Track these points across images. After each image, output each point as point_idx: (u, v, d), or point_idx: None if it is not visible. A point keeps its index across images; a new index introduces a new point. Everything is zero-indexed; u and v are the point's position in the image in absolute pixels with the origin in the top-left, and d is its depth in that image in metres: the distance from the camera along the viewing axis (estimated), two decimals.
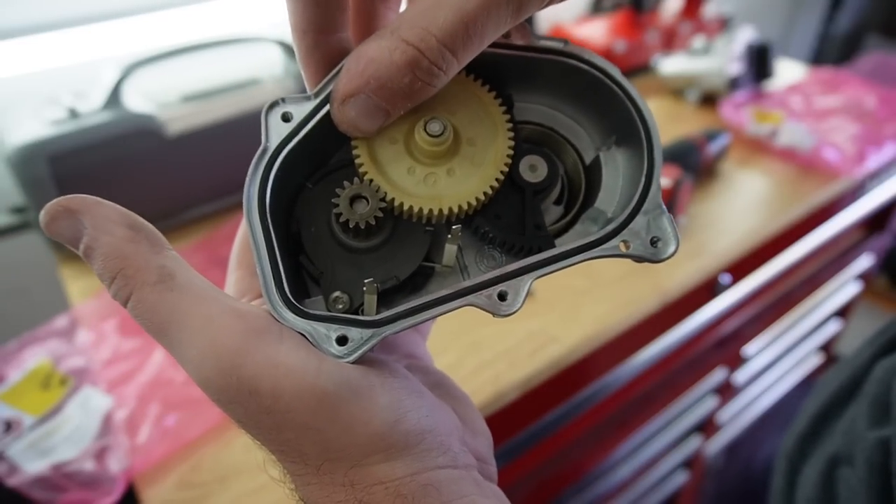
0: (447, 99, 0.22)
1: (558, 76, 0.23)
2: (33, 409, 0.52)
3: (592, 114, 0.24)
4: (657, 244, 0.21)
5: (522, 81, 0.24)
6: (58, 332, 0.60)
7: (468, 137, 0.22)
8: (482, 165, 0.22)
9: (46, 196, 0.62)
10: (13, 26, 0.74)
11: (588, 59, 0.22)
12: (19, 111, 0.67)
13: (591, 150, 0.24)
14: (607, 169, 0.24)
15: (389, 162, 0.22)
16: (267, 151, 0.22)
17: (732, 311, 0.84)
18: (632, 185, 0.22)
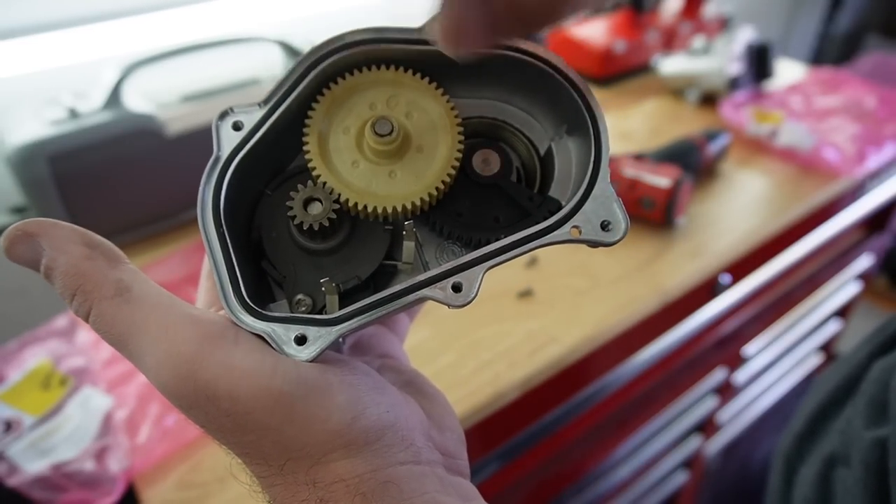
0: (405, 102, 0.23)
1: (505, 70, 0.23)
2: (33, 409, 0.52)
3: (544, 105, 0.25)
4: (608, 227, 0.21)
5: (471, 77, 0.24)
6: (58, 332, 0.60)
7: (418, 144, 0.23)
8: (432, 163, 0.23)
9: (46, 196, 0.62)
10: (13, 26, 0.74)
11: (531, 52, 0.22)
12: (19, 111, 0.67)
13: (546, 141, 0.24)
14: (559, 158, 0.24)
15: (337, 152, 0.22)
16: (219, 161, 0.22)
17: (732, 311, 0.84)
18: (583, 172, 0.22)
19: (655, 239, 0.72)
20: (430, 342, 0.58)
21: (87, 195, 0.65)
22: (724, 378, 0.92)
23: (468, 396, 0.53)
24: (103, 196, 0.66)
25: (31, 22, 0.74)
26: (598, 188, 0.21)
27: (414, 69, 0.23)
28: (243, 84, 0.73)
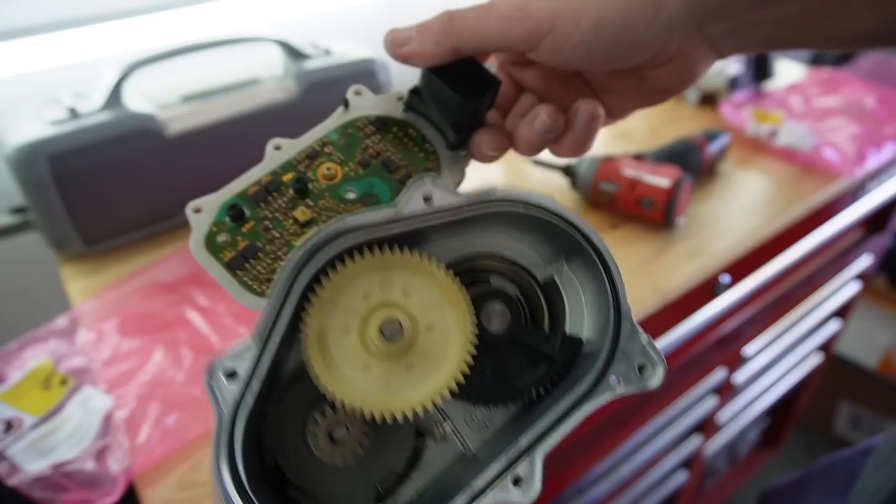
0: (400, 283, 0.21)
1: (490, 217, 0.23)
2: (34, 408, 0.52)
3: (533, 234, 0.23)
4: (644, 371, 0.21)
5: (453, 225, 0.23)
6: (58, 332, 0.60)
7: (427, 323, 0.21)
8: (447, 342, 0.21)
9: (46, 196, 0.62)
10: (13, 26, 0.74)
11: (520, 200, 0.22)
12: (19, 111, 0.67)
13: (543, 268, 0.23)
14: (566, 289, 0.23)
15: (344, 358, 0.20)
16: (223, 423, 0.19)
17: (732, 311, 0.84)
18: (597, 301, 0.21)
19: (655, 239, 0.72)
20: None
21: (87, 195, 0.65)
22: (724, 378, 0.92)
23: None
24: (103, 196, 0.66)
25: (31, 22, 0.74)
26: (624, 334, 0.21)
27: (398, 243, 0.22)
28: (243, 84, 0.73)
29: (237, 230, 0.27)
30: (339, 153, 0.30)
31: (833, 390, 1.53)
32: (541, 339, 0.22)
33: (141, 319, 0.61)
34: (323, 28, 0.95)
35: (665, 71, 0.28)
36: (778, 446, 1.42)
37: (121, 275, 0.67)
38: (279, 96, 0.73)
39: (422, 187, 0.21)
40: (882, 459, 0.39)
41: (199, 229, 0.27)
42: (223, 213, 0.28)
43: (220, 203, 0.28)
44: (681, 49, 0.26)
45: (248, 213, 0.28)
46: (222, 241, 0.27)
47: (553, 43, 0.26)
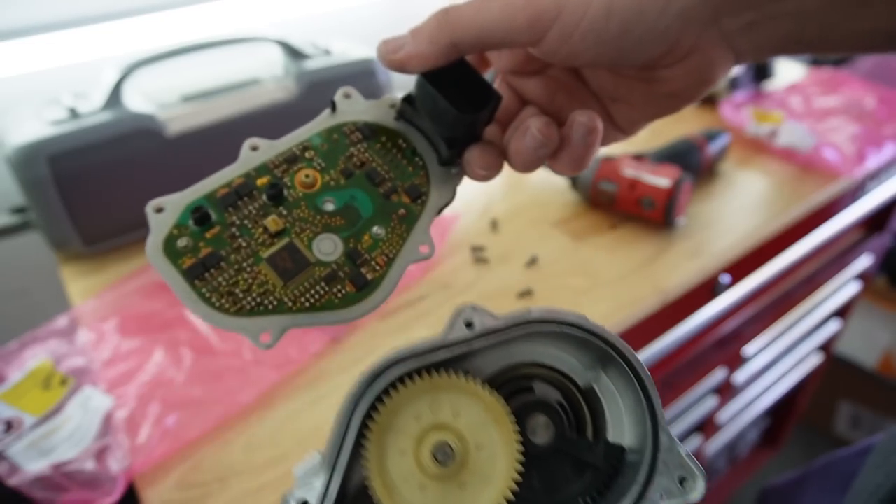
0: (448, 403, 0.22)
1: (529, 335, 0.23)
2: (34, 408, 0.52)
3: (571, 345, 0.24)
4: (685, 483, 0.21)
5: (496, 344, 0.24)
6: (58, 332, 0.60)
7: (477, 443, 0.22)
8: (496, 459, 0.22)
9: (46, 196, 0.62)
10: (13, 26, 0.74)
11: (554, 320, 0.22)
12: (19, 111, 0.67)
13: (582, 374, 0.24)
14: (605, 396, 0.24)
15: (402, 480, 0.22)
16: None
17: (732, 311, 0.84)
18: (635, 410, 0.22)
19: (655, 239, 0.72)
20: None
21: (88, 195, 0.65)
22: (724, 378, 0.92)
23: None
24: (103, 196, 0.66)
25: (31, 22, 0.74)
26: (664, 446, 0.21)
27: (447, 367, 0.23)
28: (243, 84, 0.73)
29: (200, 235, 0.25)
30: (320, 159, 0.28)
31: (833, 390, 1.53)
32: (585, 448, 0.23)
33: (141, 319, 0.61)
34: (323, 28, 0.95)
35: (679, 71, 0.26)
36: (778, 446, 1.42)
37: (121, 275, 0.68)
38: (279, 96, 0.73)
39: (463, 315, 0.22)
40: (881, 459, 0.39)
41: (158, 231, 0.25)
42: (186, 216, 0.25)
43: (184, 204, 0.26)
44: (696, 45, 0.25)
45: (215, 217, 0.26)
46: (182, 245, 0.25)
47: (560, 31, 0.24)
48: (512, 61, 0.30)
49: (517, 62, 0.30)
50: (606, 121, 0.29)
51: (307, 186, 0.27)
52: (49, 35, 0.75)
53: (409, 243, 0.27)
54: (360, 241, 0.26)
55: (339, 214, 0.27)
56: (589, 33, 0.24)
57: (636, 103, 0.28)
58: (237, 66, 0.77)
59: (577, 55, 0.25)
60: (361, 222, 0.27)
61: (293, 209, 0.26)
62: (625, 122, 0.30)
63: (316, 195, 0.27)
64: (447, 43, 0.25)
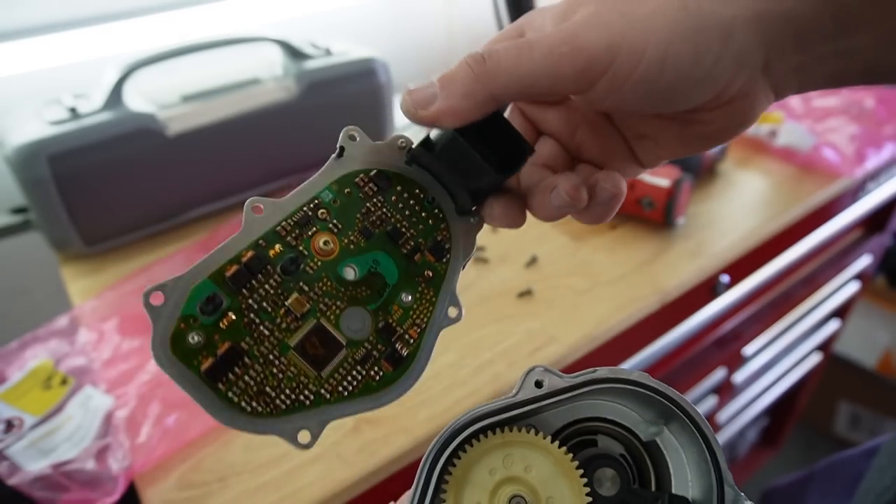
0: (520, 458, 0.23)
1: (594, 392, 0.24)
2: (34, 408, 0.52)
3: (634, 401, 0.24)
4: None
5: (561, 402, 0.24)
6: (59, 331, 0.60)
7: (548, 496, 0.23)
8: None
9: (47, 196, 0.62)
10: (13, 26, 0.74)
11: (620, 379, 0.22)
12: (19, 111, 0.67)
13: (645, 428, 0.24)
14: (668, 452, 0.24)
15: None
16: None
17: (732, 311, 0.84)
18: (699, 465, 0.22)
19: (655, 239, 0.72)
20: None
21: (88, 195, 0.65)
22: (723, 378, 0.92)
23: (468, 396, 0.54)
24: (104, 196, 0.66)
25: (32, 22, 0.75)
26: (728, 500, 0.21)
27: (518, 425, 0.23)
28: (243, 84, 0.73)
29: (214, 327, 0.22)
30: (335, 219, 0.25)
31: (832, 390, 1.53)
32: (650, 500, 0.23)
33: (141, 319, 0.61)
34: (323, 28, 0.95)
35: (720, 114, 0.24)
36: (777, 446, 1.42)
37: (121, 275, 0.68)
38: (279, 96, 0.73)
39: (534, 376, 0.23)
40: (888, 461, 0.39)
41: (162, 326, 0.22)
42: (193, 304, 0.22)
43: (188, 290, 0.22)
44: (743, 88, 0.23)
45: (227, 302, 0.22)
46: (195, 342, 0.22)
47: (611, 82, 0.22)
48: None
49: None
50: (627, 157, 0.28)
51: (326, 254, 0.24)
52: (49, 35, 0.75)
53: (438, 308, 0.25)
54: (389, 314, 0.24)
55: (364, 284, 0.24)
56: (641, 83, 0.22)
57: (665, 143, 0.27)
58: (237, 66, 0.77)
59: (623, 104, 0.24)
60: (388, 291, 0.25)
61: (314, 283, 0.23)
62: (648, 158, 0.28)
63: (336, 263, 0.24)
64: (485, 97, 0.23)
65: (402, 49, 1.04)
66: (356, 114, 0.80)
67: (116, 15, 0.80)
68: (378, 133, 0.84)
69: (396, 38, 1.03)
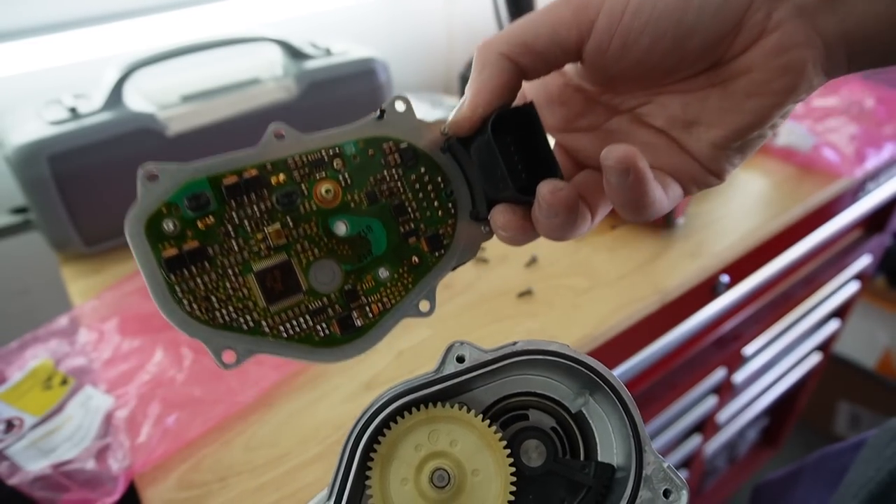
0: (445, 433, 0.23)
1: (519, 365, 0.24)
2: (34, 408, 0.52)
3: (560, 373, 0.25)
4: (669, 495, 0.22)
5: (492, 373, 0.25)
6: (59, 331, 0.60)
7: (473, 468, 0.23)
8: (491, 483, 0.23)
9: (47, 196, 0.62)
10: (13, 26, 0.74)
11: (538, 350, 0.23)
12: (20, 111, 0.67)
13: (573, 400, 0.25)
14: (594, 419, 0.25)
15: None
16: None
17: (732, 311, 0.84)
18: (622, 430, 0.23)
19: (655, 239, 0.72)
20: (430, 342, 0.58)
21: (88, 195, 0.65)
22: (723, 378, 0.92)
23: None
24: (104, 196, 0.66)
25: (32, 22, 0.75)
26: (647, 462, 0.22)
27: (441, 400, 0.24)
28: (243, 84, 0.73)
29: (191, 223, 0.22)
30: (347, 173, 0.24)
31: (832, 390, 1.53)
32: (576, 469, 0.24)
33: (141, 319, 0.61)
34: (323, 28, 0.95)
35: (756, 56, 0.22)
36: (777, 446, 1.42)
37: (121, 275, 0.68)
38: (279, 96, 0.73)
39: (454, 350, 0.23)
40: (873, 453, 0.39)
41: (145, 204, 0.22)
42: (181, 195, 0.22)
43: (182, 179, 0.22)
44: (769, 20, 0.21)
45: (213, 205, 0.22)
46: (169, 229, 0.22)
47: (609, 15, 0.22)
48: (564, 113, 0.27)
49: (570, 113, 0.27)
50: (684, 163, 0.25)
51: (324, 202, 0.24)
52: (49, 35, 0.75)
53: (411, 296, 0.25)
54: (361, 280, 0.24)
55: (349, 243, 0.24)
56: (641, 7, 0.21)
57: (713, 119, 0.24)
58: (237, 66, 0.77)
59: (630, 44, 0.22)
60: (369, 259, 0.24)
61: (301, 223, 0.24)
62: (708, 155, 0.25)
63: (331, 213, 0.24)
64: (496, 58, 0.23)
65: (402, 49, 1.04)
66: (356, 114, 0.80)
67: (116, 15, 0.80)
68: None
69: (396, 38, 1.03)
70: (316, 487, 0.46)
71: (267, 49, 0.77)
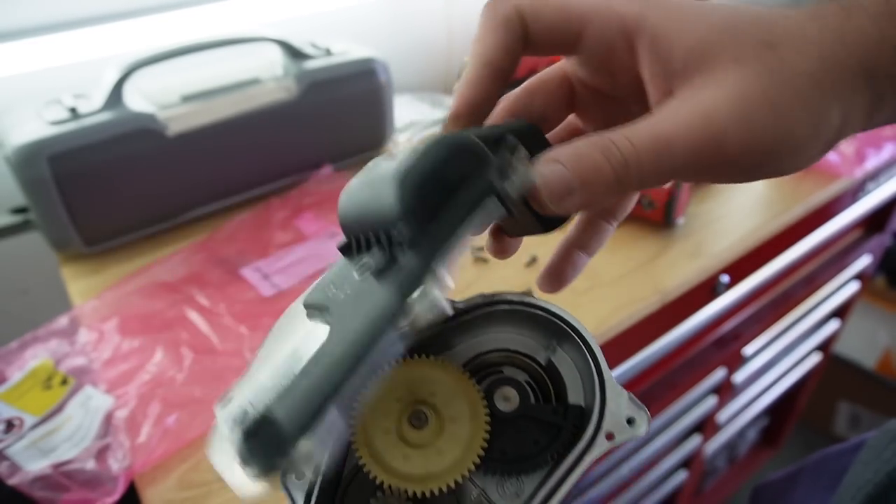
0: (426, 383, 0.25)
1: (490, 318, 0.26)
2: (34, 408, 0.52)
3: (528, 327, 0.27)
4: (633, 423, 0.24)
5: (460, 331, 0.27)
6: (59, 331, 0.60)
7: (450, 415, 0.25)
8: (467, 426, 0.25)
9: (47, 196, 0.62)
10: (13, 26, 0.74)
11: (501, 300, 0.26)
12: (20, 111, 0.67)
13: (541, 352, 0.27)
14: (562, 367, 0.27)
15: (387, 452, 0.24)
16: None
17: (732, 311, 0.84)
18: (587, 372, 0.25)
19: (655, 239, 0.72)
20: None
21: (88, 195, 0.65)
22: (723, 378, 0.92)
23: None
24: (104, 196, 0.66)
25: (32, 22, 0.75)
26: (610, 396, 0.24)
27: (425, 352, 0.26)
28: (243, 84, 0.73)
29: None
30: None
31: (832, 390, 1.53)
32: (549, 412, 0.26)
33: (141, 319, 0.61)
34: (323, 28, 0.95)
35: None
36: (777, 446, 1.42)
37: (121, 275, 0.68)
38: (279, 96, 0.73)
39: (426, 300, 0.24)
40: (872, 455, 0.39)
41: None
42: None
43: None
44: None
45: None
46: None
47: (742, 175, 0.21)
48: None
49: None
50: None
51: None
52: (49, 35, 0.75)
53: None
54: None
55: None
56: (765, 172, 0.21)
57: None
58: (237, 66, 0.77)
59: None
60: None
61: None
62: None
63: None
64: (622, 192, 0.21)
65: (402, 49, 1.04)
66: (356, 114, 0.80)
67: (116, 15, 0.80)
68: (378, 132, 0.84)
69: (396, 38, 1.03)
70: None
71: (267, 49, 0.77)
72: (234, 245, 0.70)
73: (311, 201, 0.77)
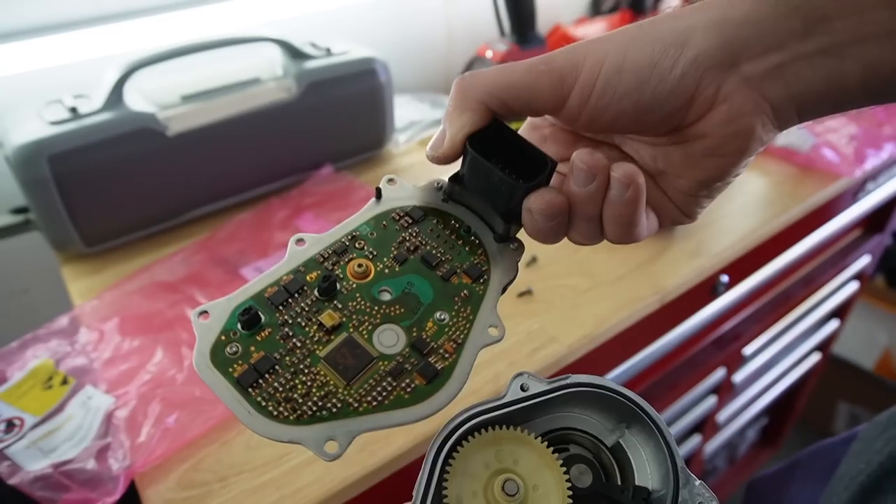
0: (509, 453, 0.25)
1: (567, 400, 0.26)
2: (35, 408, 0.52)
3: (600, 409, 0.27)
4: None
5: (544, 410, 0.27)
6: (59, 331, 0.60)
7: (533, 484, 0.25)
8: (550, 498, 0.25)
9: (47, 196, 0.62)
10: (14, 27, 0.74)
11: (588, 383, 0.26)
12: (20, 111, 0.67)
13: (608, 435, 0.27)
14: (630, 450, 0.27)
15: None
16: None
17: (732, 311, 0.84)
18: (657, 456, 0.26)
19: (655, 239, 0.72)
20: None
21: (88, 195, 0.65)
22: (723, 378, 0.92)
23: (468, 395, 0.54)
24: (104, 196, 0.66)
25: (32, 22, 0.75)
26: (682, 482, 0.24)
27: (506, 424, 0.26)
28: (243, 84, 0.73)
29: (250, 339, 0.24)
30: (371, 248, 0.27)
31: (831, 390, 1.53)
32: (617, 491, 0.26)
33: (142, 319, 0.61)
34: (323, 28, 0.95)
35: (709, 125, 0.25)
36: (777, 446, 1.42)
37: (121, 275, 0.68)
38: (279, 96, 0.73)
39: (520, 380, 0.26)
40: (864, 446, 0.40)
41: (205, 339, 0.24)
42: (234, 319, 0.24)
43: (231, 307, 0.25)
44: (719, 93, 0.24)
45: (265, 318, 0.25)
46: (232, 352, 0.24)
47: (580, 93, 0.25)
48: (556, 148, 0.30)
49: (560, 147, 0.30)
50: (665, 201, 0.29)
51: (360, 276, 0.26)
52: (49, 35, 0.75)
53: (477, 325, 0.26)
54: (423, 329, 0.25)
55: (398, 303, 0.26)
56: (605, 90, 0.24)
57: (678, 171, 0.27)
58: (237, 66, 0.77)
59: (597, 117, 0.25)
60: (423, 309, 0.26)
61: (348, 302, 0.25)
62: (679, 199, 0.29)
63: (371, 285, 0.26)
64: (474, 104, 0.26)
65: (402, 49, 1.04)
66: (356, 114, 0.80)
67: (116, 15, 0.80)
68: (378, 132, 0.84)
69: (396, 38, 1.03)
70: (316, 487, 0.47)
71: (267, 49, 0.77)
72: (234, 245, 0.70)
73: (311, 201, 0.77)
